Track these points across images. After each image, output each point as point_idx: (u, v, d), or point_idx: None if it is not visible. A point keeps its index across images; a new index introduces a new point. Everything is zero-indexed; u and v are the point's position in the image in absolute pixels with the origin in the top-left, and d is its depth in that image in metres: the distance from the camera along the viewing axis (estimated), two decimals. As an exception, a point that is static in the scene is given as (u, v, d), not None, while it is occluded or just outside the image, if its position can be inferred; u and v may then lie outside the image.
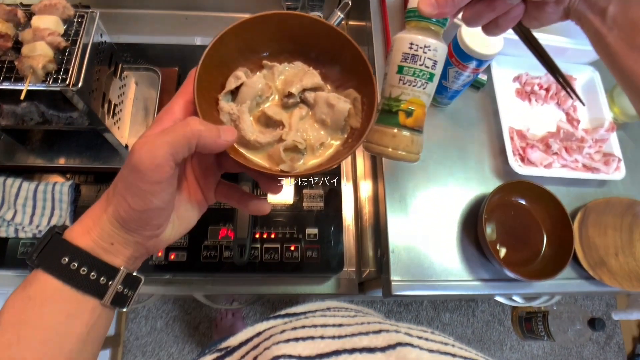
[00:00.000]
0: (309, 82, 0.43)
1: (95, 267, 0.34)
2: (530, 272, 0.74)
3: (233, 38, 0.41)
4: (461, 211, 0.79)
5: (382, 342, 0.37)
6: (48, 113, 0.75)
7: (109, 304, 0.36)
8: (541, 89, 0.87)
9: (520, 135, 0.82)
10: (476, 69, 0.72)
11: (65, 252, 0.34)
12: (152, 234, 0.36)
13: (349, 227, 0.90)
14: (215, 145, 0.34)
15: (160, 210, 0.34)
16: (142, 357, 1.63)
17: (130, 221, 0.34)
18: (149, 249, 0.38)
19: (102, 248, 0.35)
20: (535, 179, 0.78)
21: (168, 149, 0.32)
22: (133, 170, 0.32)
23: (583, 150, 0.81)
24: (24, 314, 0.33)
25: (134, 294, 0.38)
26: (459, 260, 0.75)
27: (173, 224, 0.38)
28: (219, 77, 0.42)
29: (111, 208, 0.34)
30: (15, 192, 0.79)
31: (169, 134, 0.32)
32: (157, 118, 0.36)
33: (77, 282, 0.34)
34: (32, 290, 0.33)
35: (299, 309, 0.54)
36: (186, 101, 0.37)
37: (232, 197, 0.43)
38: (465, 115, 0.85)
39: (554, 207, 0.76)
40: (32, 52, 0.63)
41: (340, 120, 0.42)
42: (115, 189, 0.34)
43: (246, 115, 0.41)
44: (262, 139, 0.41)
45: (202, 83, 0.38)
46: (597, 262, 0.77)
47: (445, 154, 0.81)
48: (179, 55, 0.95)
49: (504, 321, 1.91)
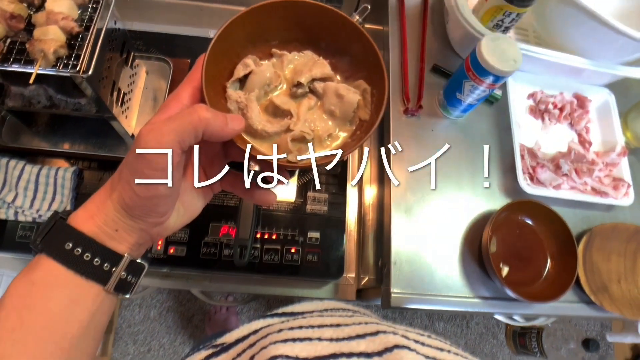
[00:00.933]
0: (319, 72, 0.43)
1: (99, 253, 0.34)
2: (531, 293, 0.73)
3: (242, 25, 0.40)
4: (466, 226, 0.78)
5: (379, 346, 0.37)
6: (56, 97, 0.74)
7: (112, 291, 0.35)
8: (555, 107, 0.86)
9: (531, 154, 0.81)
10: (492, 85, 0.71)
11: (69, 238, 0.34)
12: (156, 221, 0.36)
13: (351, 233, 0.89)
14: (223, 133, 0.34)
15: (166, 197, 0.34)
16: (134, 345, 1.62)
17: (135, 208, 0.34)
18: (153, 236, 0.38)
19: (106, 234, 0.35)
20: (543, 199, 0.77)
21: (174, 136, 0.31)
22: (139, 157, 0.32)
23: (593, 173, 0.80)
24: (27, 299, 0.33)
25: (137, 281, 0.38)
26: (460, 276, 0.75)
27: (178, 212, 0.38)
28: (228, 64, 0.42)
29: (116, 194, 0.34)
30: (18, 174, 0.78)
31: (175, 121, 0.32)
32: (164, 104, 0.36)
33: (81, 268, 0.34)
34: (36, 275, 0.33)
35: (296, 308, 0.54)
36: (194, 88, 0.37)
37: (238, 187, 0.43)
38: (477, 129, 0.84)
39: (560, 229, 0.75)
40: (44, 36, 0.62)
41: (349, 111, 0.42)
42: (121, 175, 0.34)
43: (254, 104, 0.41)
44: (269, 128, 0.41)
45: (210, 70, 0.37)
46: (599, 287, 0.76)
47: (453, 168, 0.80)
48: (192, 47, 0.94)
49: (497, 335, 1.91)
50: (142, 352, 1.63)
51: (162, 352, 1.64)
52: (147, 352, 1.63)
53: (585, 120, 0.86)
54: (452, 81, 0.78)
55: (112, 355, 1.61)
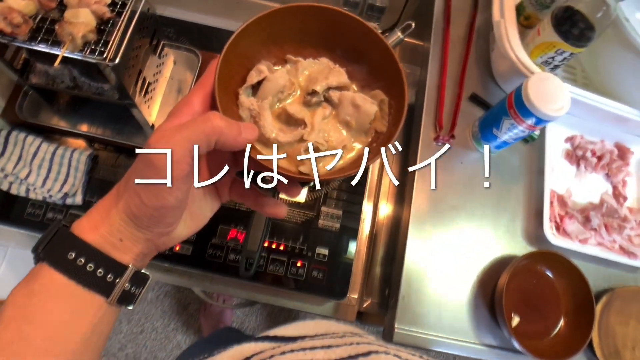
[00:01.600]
0: (335, 80, 0.41)
1: (103, 264, 0.33)
2: (539, 349, 0.70)
3: (257, 30, 0.39)
4: (482, 267, 0.74)
5: None
6: (80, 79, 0.72)
7: (115, 303, 0.34)
8: (593, 155, 0.81)
9: (561, 202, 0.77)
10: (533, 127, 0.67)
11: (72, 247, 0.32)
12: (163, 231, 0.35)
13: (361, 252, 0.86)
14: (235, 143, 0.32)
15: (174, 208, 0.33)
16: (127, 325, 1.63)
17: (142, 218, 0.32)
18: (159, 247, 0.36)
19: (111, 244, 0.33)
20: (567, 251, 0.73)
21: (186, 145, 0.30)
22: (148, 166, 0.30)
23: (624, 231, 0.76)
24: (27, 310, 0.32)
25: (141, 292, 0.37)
26: (468, 319, 0.72)
27: (185, 222, 0.37)
28: (241, 70, 0.40)
29: (122, 203, 0.33)
30: (34, 151, 0.77)
31: (188, 129, 0.30)
32: (174, 110, 0.35)
33: (83, 279, 0.32)
34: (37, 285, 0.32)
35: (287, 331, 0.52)
36: (206, 94, 0.35)
37: (248, 197, 0.41)
38: (507, 167, 0.80)
39: (580, 286, 0.72)
40: (75, 19, 0.60)
41: (365, 122, 0.40)
42: (128, 184, 0.33)
43: (267, 112, 0.39)
44: (282, 137, 0.39)
45: (223, 76, 0.36)
46: (611, 352, 0.73)
47: (478, 205, 0.77)
48: (223, 41, 0.90)
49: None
50: (134, 333, 1.63)
51: (155, 335, 1.64)
52: (140, 334, 1.63)
53: (624, 173, 0.81)
54: (490, 115, 0.74)
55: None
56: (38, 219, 0.77)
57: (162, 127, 0.32)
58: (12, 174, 0.76)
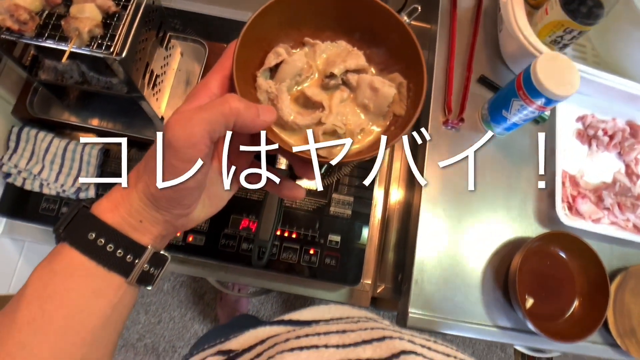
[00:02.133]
0: (353, 63, 0.41)
1: (123, 245, 0.34)
2: (554, 330, 0.70)
3: (275, 12, 0.39)
4: (494, 250, 0.74)
5: (385, 352, 0.36)
6: (88, 74, 0.73)
7: (134, 283, 0.35)
8: (605, 134, 0.80)
9: (573, 182, 0.76)
10: (543, 107, 0.66)
11: (92, 228, 0.33)
12: (182, 212, 0.35)
13: (373, 238, 0.87)
14: (253, 125, 0.33)
15: (193, 189, 0.33)
16: (145, 315, 1.66)
17: (161, 199, 0.33)
18: (178, 228, 0.37)
19: (130, 225, 0.34)
20: (580, 231, 0.73)
21: (205, 127, 0.30)
22: (167, 147, 0.30)
23: (637, 210, 0.75)
24: (48, 288, 0.32)
25: (159, 273, 0.37)
26: (482, 302, 0.72)
27: (203, 204, 0.37)
28: (258, 52, 0.40)
29: (141, 184, 0.33)
30: (46, 147, 0.78)
31: (206, 111, 0.31)
32: (192, 92, 0.35)
33: (103, 259, 0.33)
34: (58, 265, 0.33)
35: (303, 315, 0.52)
36: (223, 77, 0.35)
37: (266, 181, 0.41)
38: (518, 148, 0.79)
39: (594, 266, 0.71)
40: (81, 14, 0.60)
41: (383, 106, 0.40)
42: (147, 165, 0.33)
43: (285, 95, 0.39)
44: (300, 120, 0.39)
45: (241, 58, 0.36)
46: (627, 331, 0.73)
47: (489, 187, 0.76)
48: (230, 31, 0.91)
49: (506, 348, 1.88)
50: (152, 323, 1.66)
51: (172, 324, 1.66)
52: (158, 324, 1.66)
53: (637, 151, 0.80)
54: (499, 97, 0.73)
55: (123, 322, 1.65)
56: (53, 214, 0.79)
57: (180, 109, 0.32)
58: (25, 169, 0.77)
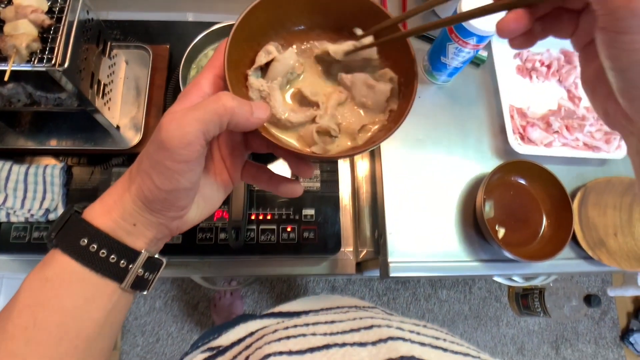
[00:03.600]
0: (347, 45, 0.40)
1: (116, 250, 0.33)
2: (529, 253, 0.74)
3: (264, 11, 0.39)
4: (460, 191, 0.78)
5: (373, 337, 0.37)
6: (36, 94, 0.72)
7: (128, 288, 0.34)
8: (542, 65, 0.85)
9: (521, 114, 0.80)
10: (476, 45, 0.70)
11: (84, 233, 0.32)
12: (176, 214, 0.34)
13: (346, 207, 0.89)
14: (248, 123, 0.32)
15: (187, 190, 0.33)
16: (142, 337, 1.64)
17: (155, 201, 0.32)
18: (173, 231, 0.36)
19: (124, 229, 0.33)
20: (536, 157, 0.77)
21: (199, 126, 0.30)
22: (160, 148, 0.30)
23: (584, 129, 0.80)
24: (40, 296, 0.32)
25: (154, 277, 0.37)
26: (458, 241, 0.75)
27: (198, 205, 0.37)
28: (249, 51, 0.40)
29: (134, 187, 0.33)
30: (6, 175, 0.77)
31: (199, 110, 0.30)
32: (183, 92, 0.34)
33: (96, 265, 0.32)
34: (50, 272, 0.32)
35: (292, 307, 0.54)
36: (215, 76, 0.35)
37: (261, 179, 0.41)
38: (464, 93, 0.83)
39: (553, 186, 0.75)
40: (15, 31, 0.60)
41: (382, 101, 0.40)
42: (140, 167, 0.32)
43: (277, 92, 0.39)
44: (293, 118, 0.39)
45: (231, 57, 0.36)
46: (596, 242, 0.77)
47: (443, 133, 0.80)
48: (171, 32, 0.92)
49: (500, 298, 1.93)
50: (150, 343, 1.65)
51: (171, 340, 1.66)
52: (156, 342, 1.65)
53: (574, 75, 0.85)
54: (435, 46, 0.77)
55: (121, 349, 1.63)
56: (25, 241, 0.78)
57: (172, 109, 0.32)
58: (-12, 202, 0.76)
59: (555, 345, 1.93)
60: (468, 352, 0.39)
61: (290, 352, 0.37)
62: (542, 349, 1.92)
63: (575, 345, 1.94)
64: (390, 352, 0.35)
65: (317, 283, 1.81)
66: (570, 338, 1.95)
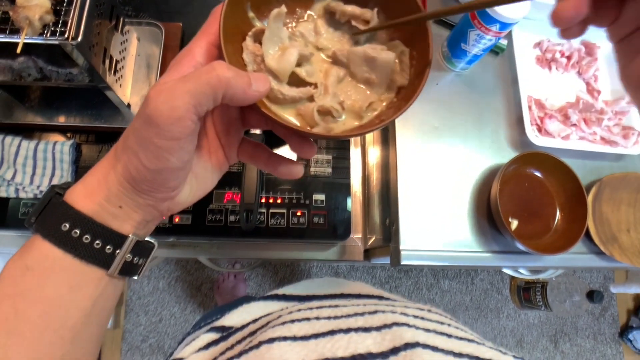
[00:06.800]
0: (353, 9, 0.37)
1: (100, 235, 0.30)
2: (541, 246, 0.73)
3: None
4: (474, 181, 0.77)
5: (377, 322, 0.37)
6: (47, 69, 0.71)
7: (116, 275, 0.32)
8: (562, 56, 0.83)
9: (539, 105, 0.79)
10: (499, 32, 0.68)
11: (65, 217, 0.30)
12: (166, 196, 0.32)
13: (356, 194, 0.88)
14: (245, 96, 0.29)
15: (178, 170, 0.30)
16: (145, 316, 1.65)
17: (142, 182, 0.30)
18: (163, 212, 0.33)
19: (109, 212, 0.31)
20: (552, 150, 0.75)
21: (190, 99, 0.27)
22: (148, 123, 0.27)
23: (602, 123, 0.78)
24: (21, 285, 0.30)
25: (145, 262, 0.34)
26: (470, 231, 0.74)
27: (190, 186, 0.34)
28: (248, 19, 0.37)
29: (120, 166, 0.30)
30: (15, 150, 0.77)
31: (190, 81, 0.27)
32: (174, 62, 0.31)
33: (80, 252, 0.30)
34: (31, 259, 0.30)
35: (297, 289, 0.53)
36: (209, 43, 0.32)
37: (259, 158, 0.38)
38: (482, 82, 0.81)
39: (569, 180, 0.74)
40: (28, 2, 0.59)
41: (387, 73, 0.36)
42: (126, 144, 0.29)
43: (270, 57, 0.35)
44: (287, 90, 0.35)
45: (228, 23, 0.32)
46: (608, 237, 0.76)
47: (460, 122, 0.78)
48: (183, 10, 0.90)
49: (502, 290, 1.93)
50: (153, 322, 1.66)
51: (174, 320, 1.67)
52: (159, 322, 1.66)
53: (594, 68, 0.83)
54: (456, 31, 0.75)
55: (124, 327, 1.64)
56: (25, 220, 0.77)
57: (162, 80, 0.29)
58: (-3, 177, 0.76)
59: (554, 339, 1.94)
60: (472, 339, 0.38)
61: (294, 338, 0.35)
62: (540, 342, 1.93)
63: (574, 340, 1.95)
64: (395, 339, 0.34)
65: (321, 269, 1.82)
66: (569, 332, 1.95)
